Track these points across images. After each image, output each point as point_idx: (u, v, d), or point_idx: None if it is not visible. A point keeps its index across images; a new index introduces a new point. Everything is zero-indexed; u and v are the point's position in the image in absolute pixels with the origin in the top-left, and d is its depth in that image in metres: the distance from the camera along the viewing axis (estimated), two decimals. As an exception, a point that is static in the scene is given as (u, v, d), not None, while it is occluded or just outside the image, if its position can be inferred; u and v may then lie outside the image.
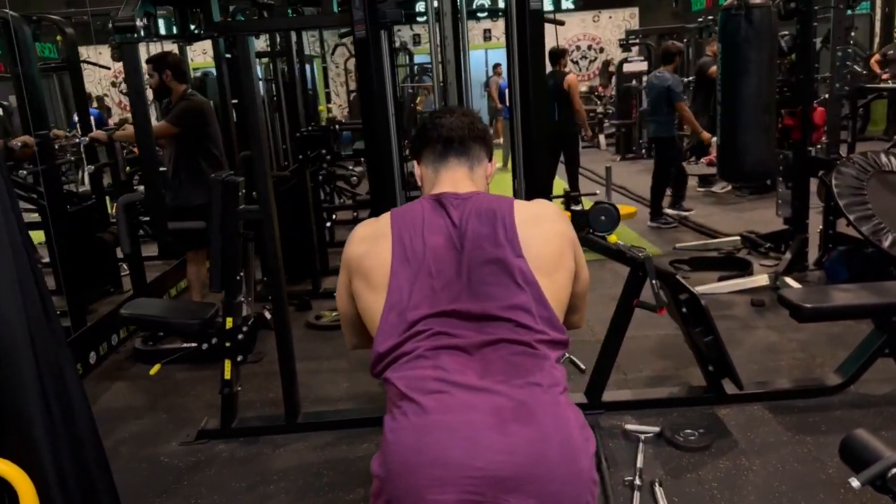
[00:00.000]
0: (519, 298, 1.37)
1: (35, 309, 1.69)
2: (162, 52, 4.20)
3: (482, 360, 1.33)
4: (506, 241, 1.41)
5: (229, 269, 3.05)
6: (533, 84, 2.61)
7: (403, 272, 1.40)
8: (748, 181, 5.82)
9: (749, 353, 3.77)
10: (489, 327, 1.36)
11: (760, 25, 3.71)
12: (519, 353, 1.34)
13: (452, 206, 1.48)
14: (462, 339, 1.34)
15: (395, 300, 1.38)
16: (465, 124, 1.60)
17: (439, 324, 1.36)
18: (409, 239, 1.43)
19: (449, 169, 1.58)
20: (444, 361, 1.32)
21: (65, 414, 1.74)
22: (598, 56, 16.23)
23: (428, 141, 1.61)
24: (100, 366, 4.16)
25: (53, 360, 1.72)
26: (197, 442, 3.21)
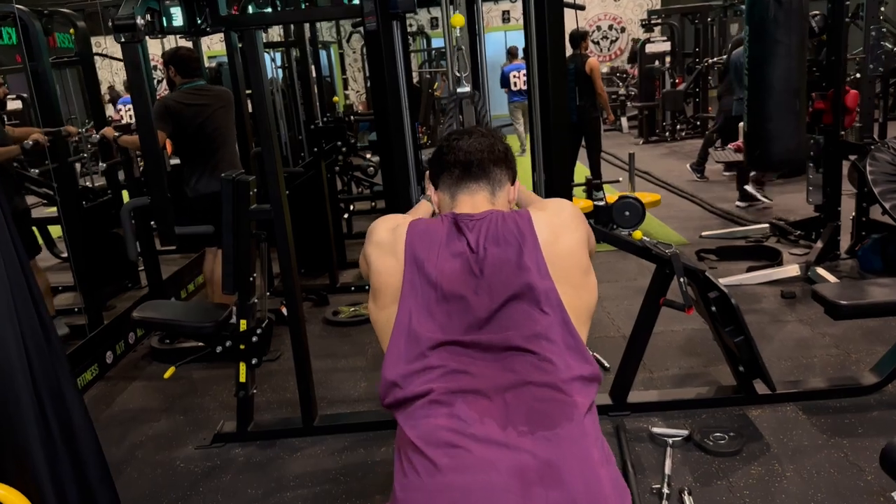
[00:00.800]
0: (542, 326, 1.25)
1: (33, 329, 1.61)
2: (175, 47, 4.12)
3: (503, 407, 1.20)
4: (531, 263, 1.29)
5: (242, 271, 2.97)
6: (552, 73, 2.50)
7: (415, 295, 1.29)
8: (777, 170, 5.62)
9: (780, 348, 3.63)
10: (510, 362, 1.23)
11: (791, 6, 3.53)
12: (545, 399, 1.20)
13: (468, 228, 1.36)
14: (481, 381, 1.22)
15: (405, 324, 1.27)
16: (484, 146, 1.48)
17: (455, 358, 1.24)
18: (423, 259, 1.32)
19: (467, 193, 1.46)
20: (460, 409, 1.19)
21: (65, 435, 1.67)
22: (619, 36, 15.93)
23: (445, 166, 1.50)
24: (116, 365, 4.13)
25: (53, 381, 1.66)
26: (213, 446, 3.16)
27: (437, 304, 1.28)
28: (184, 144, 3.96)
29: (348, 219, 6.42)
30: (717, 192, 7.11)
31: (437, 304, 1.28)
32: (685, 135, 10.61)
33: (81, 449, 1.73)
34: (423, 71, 10.49)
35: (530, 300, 1.26)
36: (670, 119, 10.62)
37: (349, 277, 5.30)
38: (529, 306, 1.26)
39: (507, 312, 1.26)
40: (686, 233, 5.84)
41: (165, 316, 2.99)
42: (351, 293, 4.97)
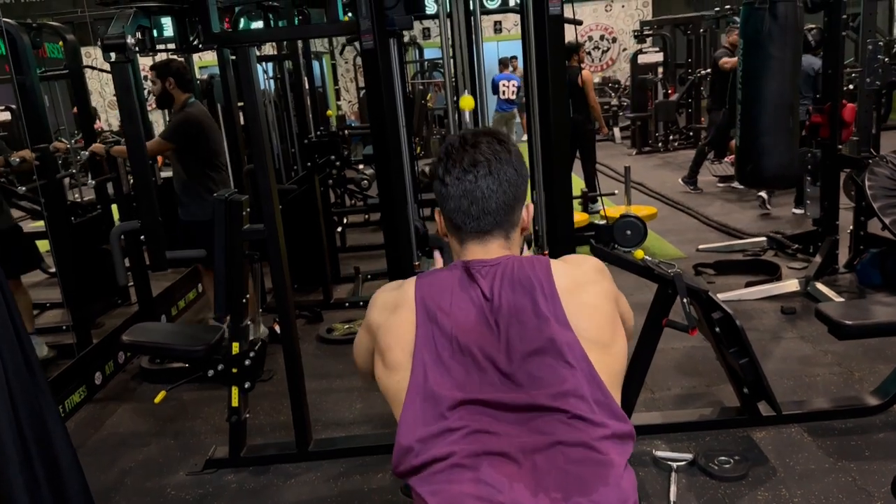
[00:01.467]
0: (570, 383, 1.14)
1: (14, 360, 1.54)
2: (166, 59, 4.04)
3: (533, 471, 1.10)
4: (549, 313, 1.18)
5: (235, 293, 2.90)
6: (553, 92, 2.44)
7: (429, 350, 1.18)
8: (769, 187, 5.60)
9: (781, 366, 3.58)
10: (538, 422, 1.12)
11: (786, 20, 3.49)
12: (579, 461, 1.10)
13: (481, 275, 1.23)
14: (507, 442, 1.11)
15: (420, 383, 1.16)
16: (496, 187, 1.24)
17: (477, 418, 1.13)
18: (435, 311, 1.20)
19: (480, 244, 1.29)
20: (486, 473, 1.09)
21: (50, 474, 1.59)
22: (611, 46, 15.96)
23: (448, 209, 1.28)
24: (106, 386, 4.03)
25: (36, 416, 1.58)
26: (205, 472, 3.07)
27: (452, 359, 1.17)
28: (190, 163, 3.90)
29: (342, 232, 6.36)
30: (712, 205, 7.07)
31: (453, 358, 1.17)
32: (678, 145, 10.60)
33: (68, 487, 1.65)
34: (416, 82, 10.45)
35: (553, 353, 1.15)
36: (663, 130, 10.61)
37: (343, 293, 5.23)
38: (553, 360, 1.15)
39: (529, 368, 1.15)
40: (683, 246, 5.80)
41: (155, 340, 2.91)
42: (345, 309, 4.90)
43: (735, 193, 7.38)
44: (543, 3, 2.36)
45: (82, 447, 3.40)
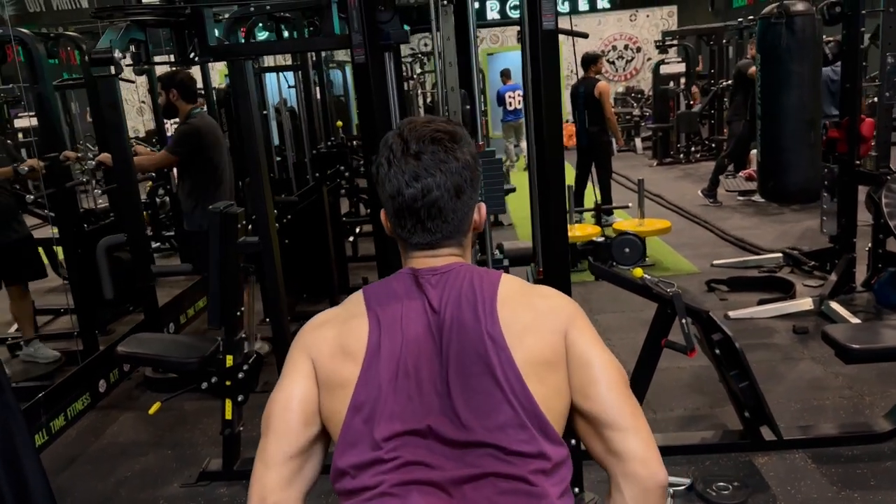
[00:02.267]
0: (506, 412, 1.08)
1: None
2: (173, 70, 4.07)
3: (462, 502, 1.06)
4: (486, 332, 1.10)
5: (229, 305, 2.89)
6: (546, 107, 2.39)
7: (377, 366, 1.11)
8: (791, 203, 5.48)
9: (790, 389, 3.49)
10: (471, 456, 1.07)
11: (803, 35, 3.42)
12: (509, 493, 1.06)
13: (430, 284, 1.16)
14: (439, 474, 1.07)
15: (362, 400, 1.10)
16: (444, 178, 1.13)
17: (411, 450, 1.08)
18: (387, 324, 1.13)
19: (428, 256, 1.20)
20: (415, 502, 1.06)
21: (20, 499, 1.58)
22: (635, 56, 15.85)
23: (393, 220, 1.19)
24: (109, 394, 4.05)
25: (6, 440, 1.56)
26: (198, 484, 3.07)
27: (395, 381, 1.11)
28: (193, 173, 3.91)
29: (354, 241, 6.35)
30: (731, 218, 6.96)
31: (401, 380, 1.11)
32: (700, 157, 10.46)
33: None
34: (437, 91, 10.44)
35: (490, 377, 1.09)
36: (685, 141, 10.48)
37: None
38: (491, 386, 1.09)
39: (465, 396, 1.09)
40: (698, 261, 5.70)
41: (150, 351, 2.92)
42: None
43: (754, 207, 7.24)
44: (537, 18, 2.31)
45: (82, 455, 3.42)
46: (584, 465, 2.77)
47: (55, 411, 3.56)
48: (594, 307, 4.84)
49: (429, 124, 1.19)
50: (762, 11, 3.60)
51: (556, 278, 2.54)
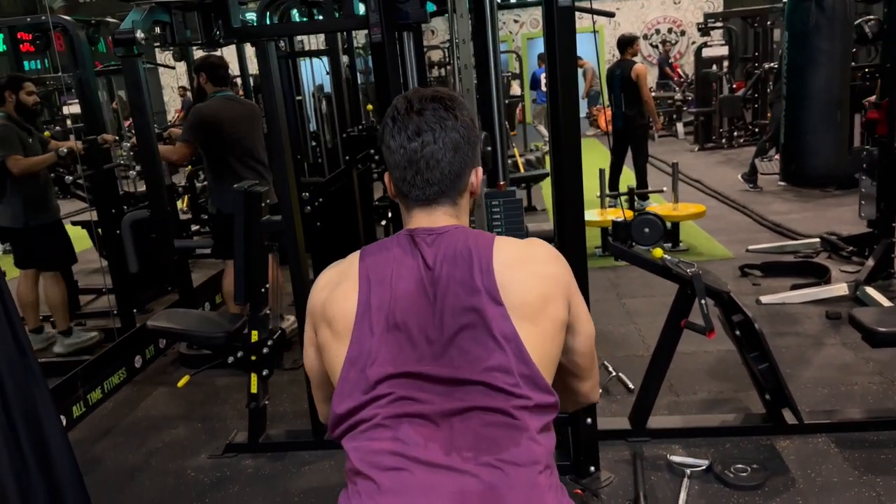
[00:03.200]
0: (496, 358, 1.15)
1: (5, 344, 1.61)
2: (206, 55, 4.15)
3: (449, 432, 1.14)
4: (482, 286, 1.18)
5: (253, 282, 2.97)
6: (561, 84, 2.39)
7: (368, 322, 1.20)
8: (813, 186, 5.35)
9: (819, 373, 3.42)
10: (460, 391, 1.15)
11: (833, 12, 3.32)
12: (493, 424, 1.14)
13: (426, 243, 1.24)
14: (428, 406, 1.15)
15: (356, 354, 1.19)
16: (446, 146, 1.23)
17: (404, 387, 1.16)
18: (377, 283, 1.22)
19: (426, 212, 1.29)
20: (405, 432, 1.13)
21: (40, 459, 1.66)
22: (679, 39, 15.56)
23: (395, 178, 1.28)
24: (145, 370, 4.19)
25: (28, 400, 1.65)
26: (224, 456, 3.16)
27: (387, 334, 1.19)
28: (214, 157, 3.97)
29: (386, 225, 6.40)
30: (771, 204, 6.81)
31: (388, 332, 1.19)
32: (743, 142, 10.25)
33: (58, 473, 1.72)
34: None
35: (483, 328, 1.16)
36: (727, 125, 10.27)
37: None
38: (482, 335, 1.16)
39: (458, 344, 1.17)
40: (733, 246, 5.60)
41: (178, 325, 3.01)
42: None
43: (795, 192, 7.08)
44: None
45: (117, 427, 3.55)
46: (600, 444, 2.79)
47: (92, 384, 3.71)
48: (623, 291, 4.82)
49: (431, 91, 1.30)
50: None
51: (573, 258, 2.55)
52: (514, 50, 12.93)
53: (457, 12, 2.21)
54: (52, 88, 10.23)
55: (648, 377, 2.97)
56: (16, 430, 1.63)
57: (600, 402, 3.31)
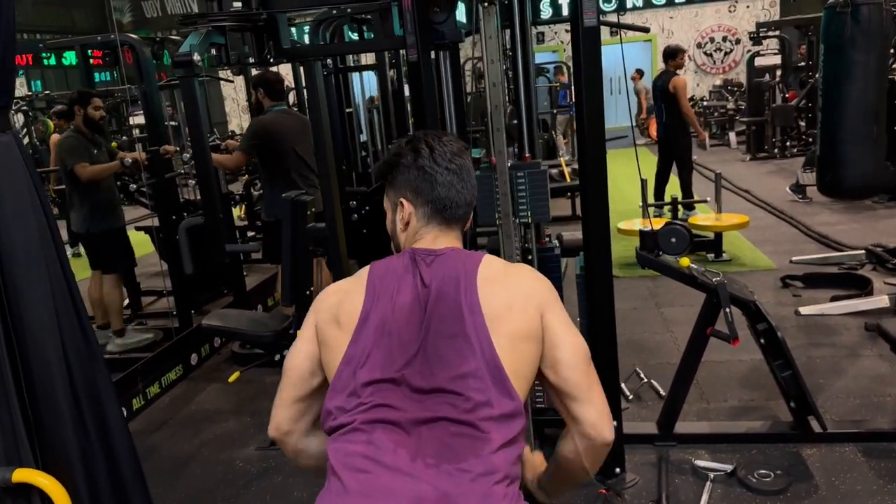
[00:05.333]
0: (470, 364, 1.27)
1: (71, 329, 1.82)
2: (263, 71, 4.40)
3: (417, 440, 1.25)
4: (464, 299, 1.32)
5: (299, 285, 3.16)
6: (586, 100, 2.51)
7: (367, 327, 1.34)
8: (849, 198, 5.29)
9: (851, 384, 3.44)
10: (432, 401, 1.27)
11: (869, 25, 3.35)
12: (457, 435, 1.24)
13: (425, 263, 1.38)
14: (402, 414, 1.27)
15: (352, 354, 1.33)
16: (468, 187, 1.45)
17: (383, 394, 1.28)
18: (381, 294, 1.36)
19: (442, 232, 1.44)
20: (377, 437, 1.26)
21: (101, 434, 1.87)
22: (733, 48, 15.36)
23: (428, 197, 1.43)
24: (200, 367, 4.44)
25: (91, 382, 1.86)
26: (271, 448, 3.35)
27: (385, 339, 1.32)
28: (270, 166, 4.20)
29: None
30: (818, 215, 6.74)
31: (386, 338, 1.32)
32: (796, 151, 10.09)
33: (116, 447, 1.92)
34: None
35: (462, 337, 1.29)
36: (780, 135, 10.13)
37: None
38: (461, 343, 1.29)
39: (438, 350, 1.29)
40: (777, 257, 5.58)
41: (230, 325, 3.22)
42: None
43: (844, 203, 6.97)
44: (579, 15, 2.44)
45: (172, 419, 3.80)
46: (628, 448, 2.88)
47: (151, 379, 3.97)
48: (661, 300, 4.87)
49: (450, 142, 1.48)
50: (828, 1, 3.55)
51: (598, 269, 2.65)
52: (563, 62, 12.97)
53: (485, 33, 2.36)
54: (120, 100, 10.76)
55: (676, 383, 3.05)
56: (80, 407, 1.83)
57: (631, 407, 3.42)
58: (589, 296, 2.71)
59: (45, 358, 1.76)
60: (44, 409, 1.79)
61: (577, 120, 2.59)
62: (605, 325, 2.68)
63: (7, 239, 1.74)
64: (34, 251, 1.76)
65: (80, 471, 1.83)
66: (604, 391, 1.39)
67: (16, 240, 1.75)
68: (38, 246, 1.77)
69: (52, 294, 1.78)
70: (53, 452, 1.81)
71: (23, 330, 1.76)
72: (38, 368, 1.77)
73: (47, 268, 1.78)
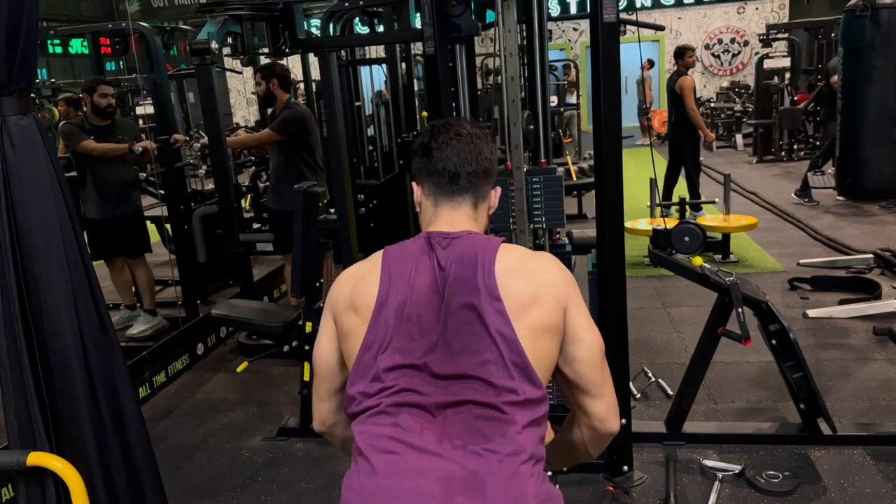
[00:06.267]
0: (492, 352, 1.27)
1: (88, 314, 1.82)
2: (270, 62, 4.39)
3: (443, 422, 1.26)
4: (483, 285, 1.31)
5: (309, 276, 3.16)
6: (604, 96, 2.50)
7: (385, 312, 1.33)
8: (869, 200, 5.29)
9: (860, 388, 3.43)
10: (457, 386, 1.27)
11: (889, 28, 3.34)
12: (481, 417, 1.25)
13: (441, 246, 1.37)
14: (426, 398, 1.28)
15: (371, 340, 1.32)
16: (473, 156, 1.42)
17: (407, 379, 1.29)
18: (397, 278, 1.35)
19: (451, 207, 1.44)
20: (403, 420, 1.26)
21: (115, 419, 1.87)
22: (742, 50, 15.33)
23: (430, 171, 1.44)
24: (207, 356, 4.44)
25: (106, 368, 1.86)
26: (277, 438, 3.36)
27: (404, 323, 1.31)
28: (288, 154, 4.18)
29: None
30: (824, 218, 6.73)
31: (405, 323, 1.31)
32: (803, 155, 10.07)
33: (130, 434, 1.92)
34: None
35: (482, 323, 1.28)
36: (787, 138, 10.11)
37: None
38: (482, 329, 1.28)
39: (459, 337, 1.29)
40: (784, 259, 5.58)
41: (240, 315, 3.22)
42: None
43: (851, 208, 6.97)
44: (598, 11, 2.43)
45: (178, 408, 3.80)
46: (633, 447, 2.88)
47: (157, 368, 3.97)
48: (669, 300, 4.86)
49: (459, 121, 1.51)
50: (847, 4, 3.54)
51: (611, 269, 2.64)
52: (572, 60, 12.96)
53: (505, 26, 2.35)
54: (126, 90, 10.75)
55: (685, 382, 3.05)
56: (96, 393, 1.83)
57: (638, 405, 3.41)
58: (601, 295, 2.70)
59: (62, 343, 1.76)
60: (60, 394, 1.79)
61: (594, 115, 2.57)
62: (617, 323, 2.67)
63: (26, 222, 1.74)
64: (53, 235, 1.76)
65: (94, 456, 1.83)
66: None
67: (35, 223, 1.75)
68: (57, 230, 1.77)
69: (71, 279, 1.78)
70: (69, 437, 1.81)
71: (40, 314, 1.76)
72: (55, 354, 1.77)
73: (66, 252, 1.78)
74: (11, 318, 1.72)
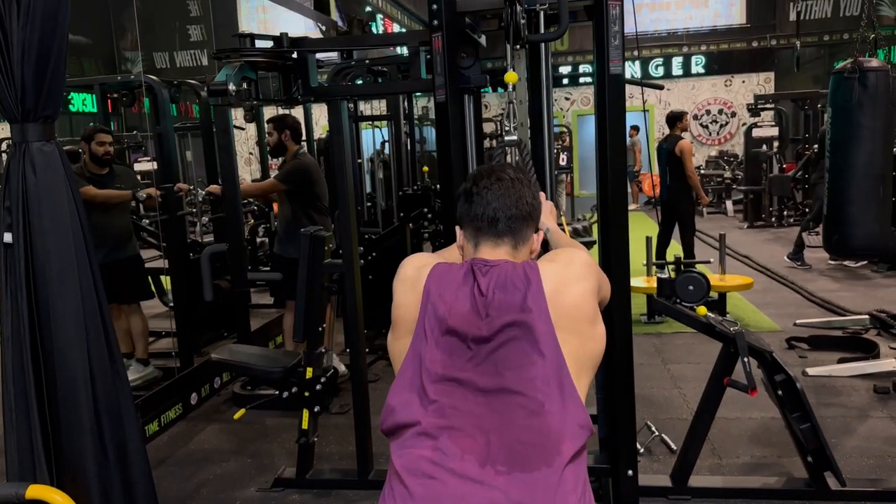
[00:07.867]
0: (537, 369, 1.28)
1: (99, 350, 1.80)
2: (283, 114, 4.47)
3: (486, 446, 1.24)
4: (533, 306, 1.33)
5: (312, 321, 3.14)
6: (610, 152, 2.55)
7: (427, 328, 1.35)
8: (855, 258, 5.36)
9: (864, 444, 3.40)
10: (501, 404, 1.26)
11: (876, 90, 3.46)
12: (528, 443, 1.23)
13: (482, 273, 1.40)
14: (469, 419, 1.26)
15: (414, 354, 1.34)
16: (513, 201, 1.45)
17: (450, 394, 1.28)
18: (437, 296, 1.38)
19: (490, 246, 1.47)
20: (444, 443, 1.24)
21: (119, 453, 1.82)
22: (729, 120, 15.73)
23: (471, 216, 1.47)
24: (200, 406, 4.36)
25: (113, 401, 1.83)
26: (272, 490, 3.27)
27: (442, 338, 1.33)
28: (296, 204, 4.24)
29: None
30: (818, 281, 6.78)
31: (443, 337, 1.33)
32: (793, 221, 10.23)
33: (133, 470, 1.88)
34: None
35: (529, 341, 1.29)
36: (776, 204, 10.30)
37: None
38: (528, 347, 1.29)
39: (504, 352, 1.30)
40: (780, 320, 5.60)
41: (239, 359, 3.18)
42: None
43: (844, 272, 7.05)
44: (605, 63, 2.50)
45: (171, 458, 3.71)
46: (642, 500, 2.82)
47: (150, 417, 3.88)
48: (668, 357, 4.85)
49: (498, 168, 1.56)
50: (835, 67, 3.67)
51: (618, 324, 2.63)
52: (565, 125, 13.26)
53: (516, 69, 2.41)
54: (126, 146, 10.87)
55: (691, 433, 3.01)
56: (101, 423, 1.80)
57: (642, 460, 3.36)
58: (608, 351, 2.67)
59: (70, 370, 1.74)
60: (65, 424, 1.76)
61: (600, 173, 2.61)
62: (623, 379, 2.62)
63: (43, 248, 1.74)
64: (69, 262, 1.76)
65: (95, 489, 1.78)
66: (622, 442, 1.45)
67: (51, 250, 1.74)
68: (73, 257, 1.77)
69: (83, 307, 1.77)
70: (70, 469, 1.77)
71: (50, 341, 1.75)
72: (62, 380, 1.74)
73: (80, 281, 1.78)
74: (20, 343, 1.70)
